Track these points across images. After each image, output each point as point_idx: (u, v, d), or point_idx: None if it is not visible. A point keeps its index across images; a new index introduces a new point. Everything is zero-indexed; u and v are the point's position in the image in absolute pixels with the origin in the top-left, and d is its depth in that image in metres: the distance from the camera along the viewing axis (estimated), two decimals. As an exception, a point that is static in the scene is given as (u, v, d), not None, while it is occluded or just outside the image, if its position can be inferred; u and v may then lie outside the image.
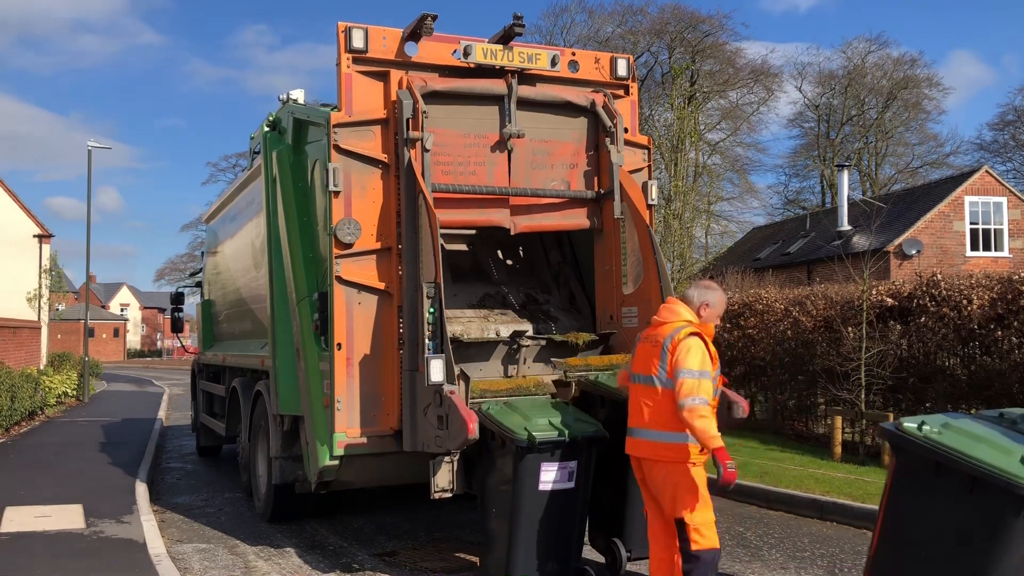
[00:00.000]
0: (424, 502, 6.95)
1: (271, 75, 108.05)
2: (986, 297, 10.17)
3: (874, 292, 11.48)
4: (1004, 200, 26.75)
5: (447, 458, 5.87)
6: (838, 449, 10.75)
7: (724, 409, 5.38)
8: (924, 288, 10.96)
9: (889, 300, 11.32)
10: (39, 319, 29.13)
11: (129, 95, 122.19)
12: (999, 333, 9.88)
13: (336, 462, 6.44)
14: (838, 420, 10.91)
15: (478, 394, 6.04)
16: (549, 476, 5.56)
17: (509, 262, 8.23)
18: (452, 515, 8.25)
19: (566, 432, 5.58)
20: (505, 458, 5.60)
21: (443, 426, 5.61)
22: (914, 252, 25.32)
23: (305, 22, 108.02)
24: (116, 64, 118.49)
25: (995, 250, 26.57)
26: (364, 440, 6.43)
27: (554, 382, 6.49)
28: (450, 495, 5.95)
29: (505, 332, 6.84)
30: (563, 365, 6.58)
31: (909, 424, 4.29)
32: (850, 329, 11.22)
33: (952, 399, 10.33)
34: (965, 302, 10.31)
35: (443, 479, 5.87)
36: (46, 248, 31.33)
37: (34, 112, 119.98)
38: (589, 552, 6.36)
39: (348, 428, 6.40)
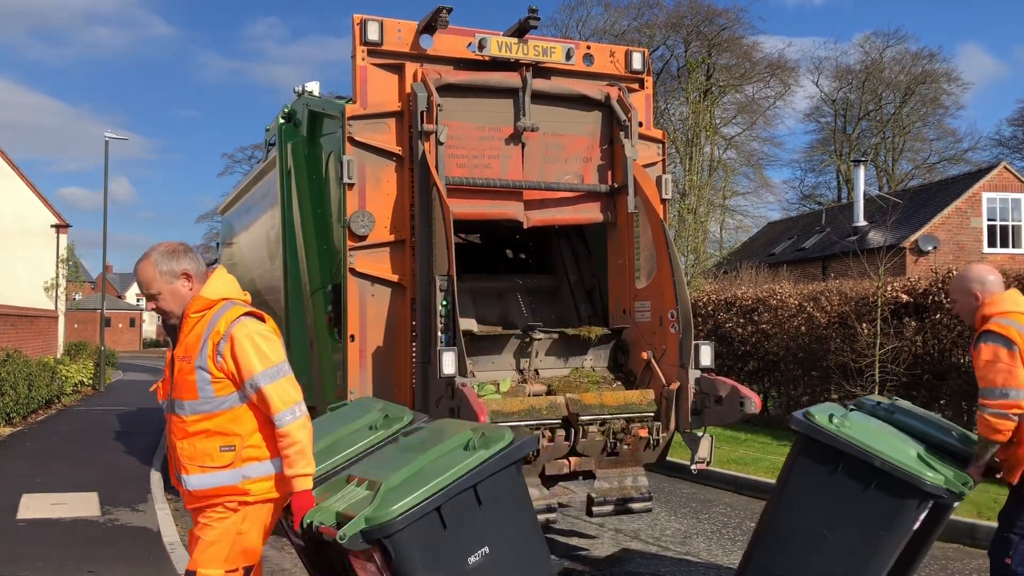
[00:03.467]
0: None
1: (282, 67, 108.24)
2: (1002, 294, 10.10)
3: (889, 288, 11.42)
4: (1022, 196, 26.50)
5: (459, 450, 5.86)
6: (851, 445, 10.69)
7: (735, 404, 5.34)
8: (940, 285, 10.89)
9: (904, 296, 11.25)
10: (56, 308, 29.32)
11: (142, 86, 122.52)
12: (1015, 330, 9.80)
13: (348, 453, 6.46)
14: (851, 416, 10.85)
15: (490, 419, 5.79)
16: None
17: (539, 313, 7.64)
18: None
19: None
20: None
21: (455, 418, 5.63)
22: (930, 248, 25.13)
23: (315, 15, 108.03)
24: (129, 55, 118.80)
25: (1013, 247, 26.31)
26: (376, 432, 6.44)
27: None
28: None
29: (517, 325, 6.82)
30: (576, 404, 6.18)
31: (820, 416, 4.57)
32: (864, 325, 11.17)
33: (967, 396, 10.28)
34: (981, 299, 10.22)
35: (455, 471, 5.87)
36: (63, 238, 31.54)
37: (47, 103, 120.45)
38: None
39: (361, 420, 6.42)
